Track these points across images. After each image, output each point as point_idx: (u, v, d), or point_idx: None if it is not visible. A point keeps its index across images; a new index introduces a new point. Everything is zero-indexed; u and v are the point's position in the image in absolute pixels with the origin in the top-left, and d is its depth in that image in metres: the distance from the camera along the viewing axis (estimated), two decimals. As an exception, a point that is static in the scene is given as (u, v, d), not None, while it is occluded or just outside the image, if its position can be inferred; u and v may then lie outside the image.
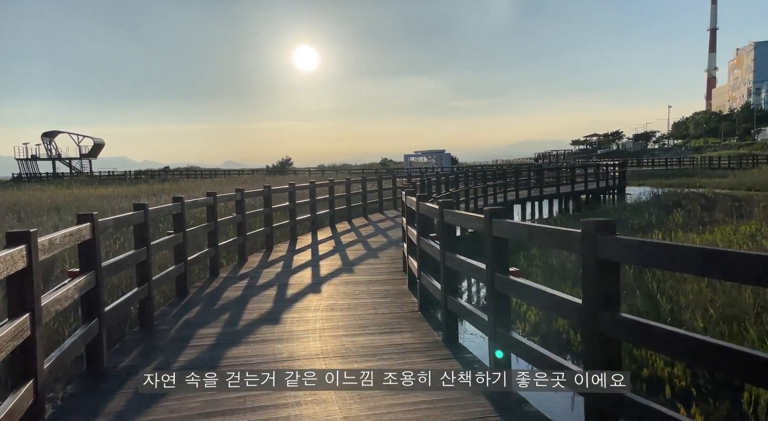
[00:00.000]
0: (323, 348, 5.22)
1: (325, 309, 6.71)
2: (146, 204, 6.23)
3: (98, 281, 4.79)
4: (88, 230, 4.65)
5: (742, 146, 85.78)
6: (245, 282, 8.46)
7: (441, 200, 5.78)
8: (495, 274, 4.18)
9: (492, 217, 4.16)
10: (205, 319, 6.41)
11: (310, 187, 14.07)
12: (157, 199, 21.29)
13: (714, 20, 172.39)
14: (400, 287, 7.82)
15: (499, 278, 4.13)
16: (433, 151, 61.59)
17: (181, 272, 7.51)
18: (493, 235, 4.14)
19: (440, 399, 3.87)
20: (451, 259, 5.22)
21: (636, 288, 8.49)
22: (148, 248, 6.20)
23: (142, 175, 62.31)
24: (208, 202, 8.83)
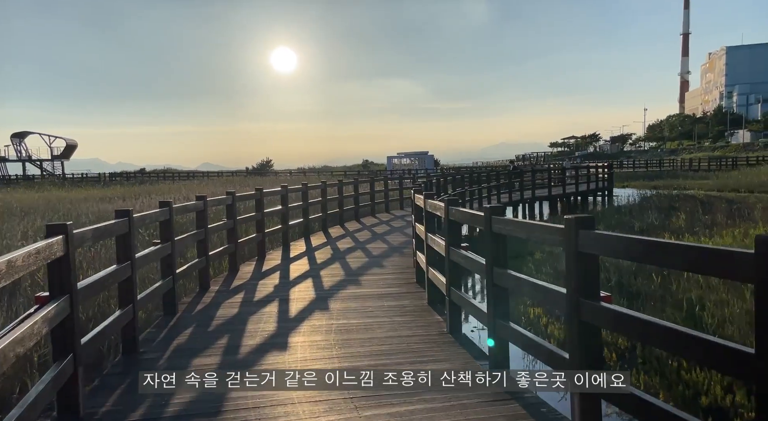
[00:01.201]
0: None
1: (339, 331, 5.83)
2: (130, 210, 5.29)
3: (73, 308, 3.86)
4: (60, 245, 3.72)
5: (717, 149, 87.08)
6: (240, 297, 7.54)
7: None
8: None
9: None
10: (199, 345, 5.49)
11: (302, 190, 13.15)
12: (134, 203, 20.11)
13: (687, 25, 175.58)
14: (418, 302, 6.97)
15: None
16: (415, 153, 60.88)
17: (169, 288, 6.56)
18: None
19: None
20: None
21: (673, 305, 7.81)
22: (132, 263, 5.26)
23: (117, 178, 60.48)
24: (198, 206, 7.88)
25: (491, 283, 4.44)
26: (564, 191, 26.47)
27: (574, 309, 3.19)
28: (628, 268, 9.96)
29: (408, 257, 10.20)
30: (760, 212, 18.28)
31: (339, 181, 16.63)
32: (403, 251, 11.13)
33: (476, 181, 21.30)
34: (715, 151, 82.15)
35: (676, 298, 8.28)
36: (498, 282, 4.37)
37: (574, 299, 3.18)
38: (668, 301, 8.22)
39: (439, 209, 6.19)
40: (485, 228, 4.42)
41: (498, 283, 4.37)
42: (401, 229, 14.78)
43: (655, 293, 8.62)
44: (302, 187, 13.14)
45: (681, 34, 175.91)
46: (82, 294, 4.14)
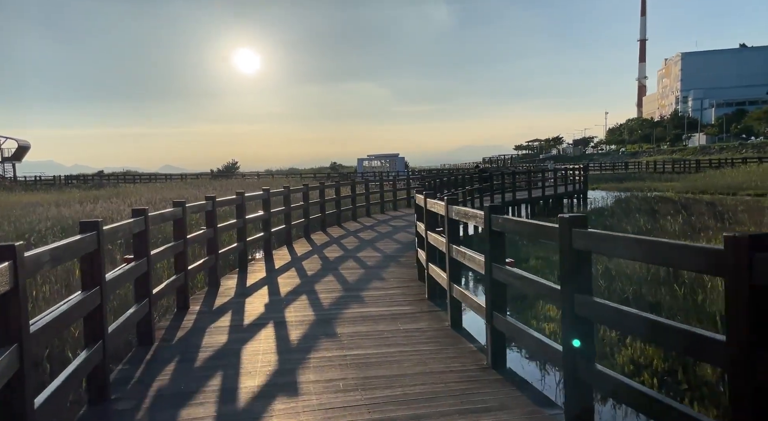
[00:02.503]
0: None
1: (356, 365, 4.84)
2: (99, 222, 4.19)
3: (23, 361, 2.79)
4: (5, 275, 2.65)
5: (675, 152, 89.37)
6: (227, 320, 6.46)
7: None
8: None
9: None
10: (185, 387, 4.42)
11: (284, 194, 12.05)
12: (93, 207, 18.57)
13: (644, 31, 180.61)
14: (438, 324, 6.02)
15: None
16: (387, 155, 59.91)
17: (144, 313, 5.44)
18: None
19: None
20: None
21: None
22: (102, 288, 4.16)
23: (74, 180, 57.63)
24: (176, 214, 6.75)
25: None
26: (543, 194, 26.07)
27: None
28: (643, 276, 9.30)
29: (409, 268, 9.27)
30: (746, 215, 18.09)
31: (320, 183, 15.55)
32: (400, 259, 10.20)
33: (460, 184, 20.58)
34: (674, 154, 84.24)
35: (703, 310, 7.61)
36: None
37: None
38: (692, 314, 7.54)
39: (475, 218, 5.06)
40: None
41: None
42: (389, 234, 13.84)
43: (675, 305, 7.93)
44: (284, 191, 12.05)
45: (638, 40, 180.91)
46: (38, 340, 3.06)
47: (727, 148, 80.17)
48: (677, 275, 9.06)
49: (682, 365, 6.13)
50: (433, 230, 6.93)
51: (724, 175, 41.61)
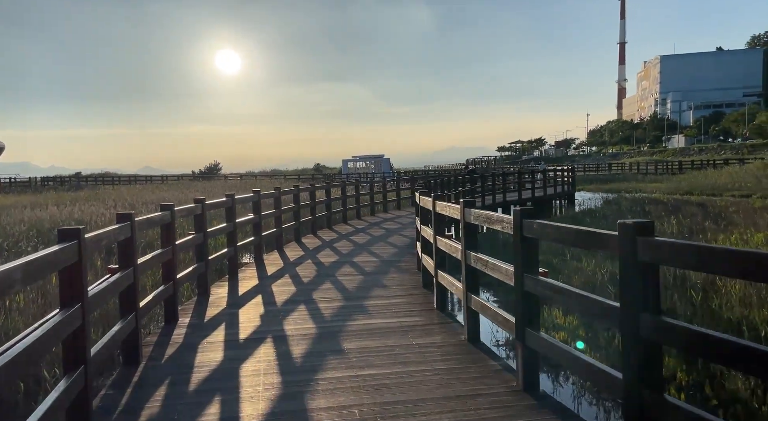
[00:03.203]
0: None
1: (370, 388, 4.33)
2: (80, 229, 3.63)
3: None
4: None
5: (655, 153, 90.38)
6: (221, 334, 5.91)
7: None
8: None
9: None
10: (178, 418, 3.88)
11: (275, 196, 11.49)
12: (71, 210, 17.78)
13: (623, 34, 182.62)
14: (454, 338, 5.53)
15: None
16: (372, 156, 59.37)
17: (130, 330, 4.88)
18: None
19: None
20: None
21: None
22: (83, 305, 3.61)
23: (50, 182, 56.11)
24: (165, 219, 6.17)
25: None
26: (533, 195, 25.83)
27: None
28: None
29: (410, 274, 8.80)
30: (740, 216, 17.96)
31: (311, 185, 14.99)
32: (399, 265, 9.71)
33: (453, 185, 20.20)
34: (654, 155, 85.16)
35: (721, 318, 7.25)
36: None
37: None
38: (708, 321, 7.17)
39: (501, 222, 4.57)
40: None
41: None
42: (383, 238, 13.35)
43: (688, 311, 7.57)
44: (275, 193, 11.49)
45: (618, 43, 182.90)
46: (7, 370, 2.52)
47: (706, 149, 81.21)
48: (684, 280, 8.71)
49: (708, 378, 5.78)
50: (443, 235, 6.47)
51: (707, 176, 41.86)
